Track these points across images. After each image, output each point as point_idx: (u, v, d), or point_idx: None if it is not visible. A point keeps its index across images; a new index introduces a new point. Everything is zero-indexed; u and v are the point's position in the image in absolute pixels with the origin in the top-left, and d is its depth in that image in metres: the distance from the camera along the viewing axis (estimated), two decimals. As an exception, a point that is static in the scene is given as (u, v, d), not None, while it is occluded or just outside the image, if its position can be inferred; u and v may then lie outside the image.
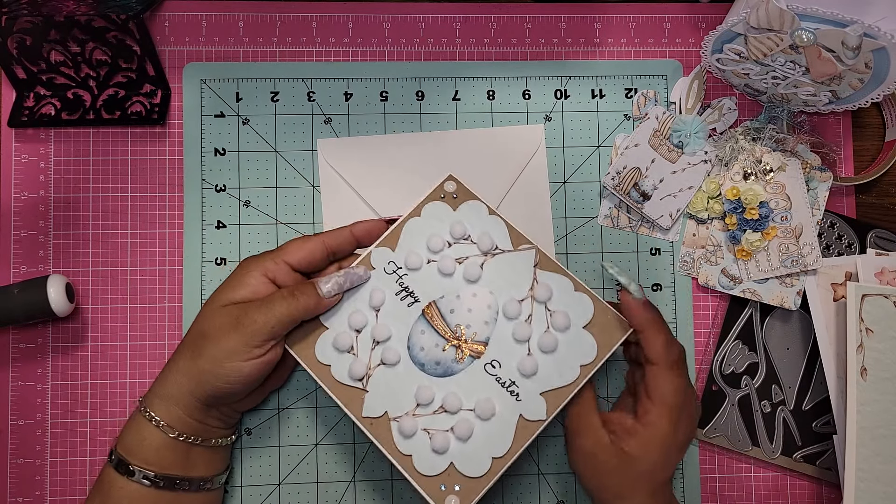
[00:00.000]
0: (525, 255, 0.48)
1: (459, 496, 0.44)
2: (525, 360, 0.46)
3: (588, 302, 0.47)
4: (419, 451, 0.45)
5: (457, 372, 0.46)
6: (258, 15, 0.56)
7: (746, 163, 0.54)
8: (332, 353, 0.47)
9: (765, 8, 0.46)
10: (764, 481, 0.55)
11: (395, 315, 0.47)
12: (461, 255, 0.48)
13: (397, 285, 0.48)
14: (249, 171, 0.55)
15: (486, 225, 0.49)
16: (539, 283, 0.48)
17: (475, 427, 0.45)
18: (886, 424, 0.50)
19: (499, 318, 0.47)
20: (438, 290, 0.48)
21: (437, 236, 0.48)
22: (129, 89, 0.54)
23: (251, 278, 0.46)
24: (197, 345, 0.45)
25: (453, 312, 0.47)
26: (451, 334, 0.47)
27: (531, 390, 0.46)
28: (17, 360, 0.53)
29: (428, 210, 0.49)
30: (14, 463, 0.52)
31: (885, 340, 0.51)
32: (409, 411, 0.46)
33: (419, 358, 0.47)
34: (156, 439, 0.45)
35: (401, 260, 0.48)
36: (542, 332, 0.47)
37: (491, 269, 0.48)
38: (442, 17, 0.57)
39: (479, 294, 0.48)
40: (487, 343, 0.47)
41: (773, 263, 0.54)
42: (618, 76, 0.57)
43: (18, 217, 0.54)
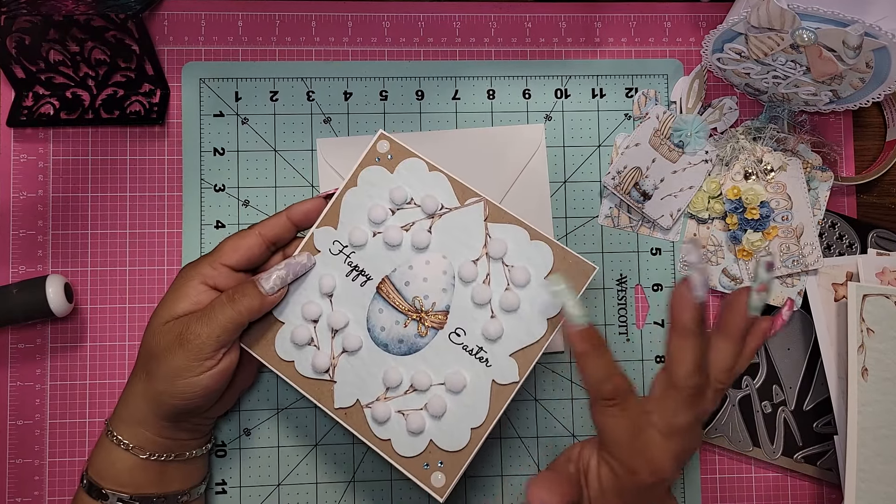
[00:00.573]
0: (473, 211, 0.46)
1: (444, 471, 0.44)
2: (489, 323, 0.44)
3: (546, 250, 0.45)
4: (396, 435, 0.44)
5: (422, 347, 0.45)
6: (257, 14, 0.56)
7: (747, 162, 0.54)
8: (292, 348, 0.45)
9: (765, 7, 0.46)
10: (765, 482, 0.55)
11: (349, 298, 0.46)
12: (406, 221, 0.46)
13: (346, 265, 0.46)
14: (249, 171, 0.55)
15: (428, 184, 0.46)
16: (492, 239, 0.45)
17: (448, 401, 0.44)
18: (887, 425, 0.50)
19: (456, 283, 0.45)
20: (389, 264, 0.46)
21: (377, 206, 0.46)
22: (127, 89, 0.54)
23: (190, 289, 0.44)
24: (148, 366, 0.44)
25: (408, 285, 0.45)
26: (409, 308, 0.45)
27: (499, 354, 0.45)
28: (16, 361, 0.53)
29: (364, 177, 0.46)
30: (13, 463, 0.52)
31: (886, 341, 0.51)
32: (380, 396, 0.45)
33: (381, 339, 0.45)
34: (127, 461, 0.44)
35: (345, 237, 0.46)
36: (503, 291, 0.45)
37: (440, 232, 0.46)
38: (442, 17, 0.56)
39: (431, 261, 0.46)
40: (448, 311, 0.45)
41: (773, 263, 0.54)
42: (618, 75, 0.57)
43: (17, 217, 0.54)
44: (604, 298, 0.55)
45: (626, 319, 0.55)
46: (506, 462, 0.54)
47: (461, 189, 0.46)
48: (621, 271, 0.56)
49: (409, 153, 0.47)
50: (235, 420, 0.53)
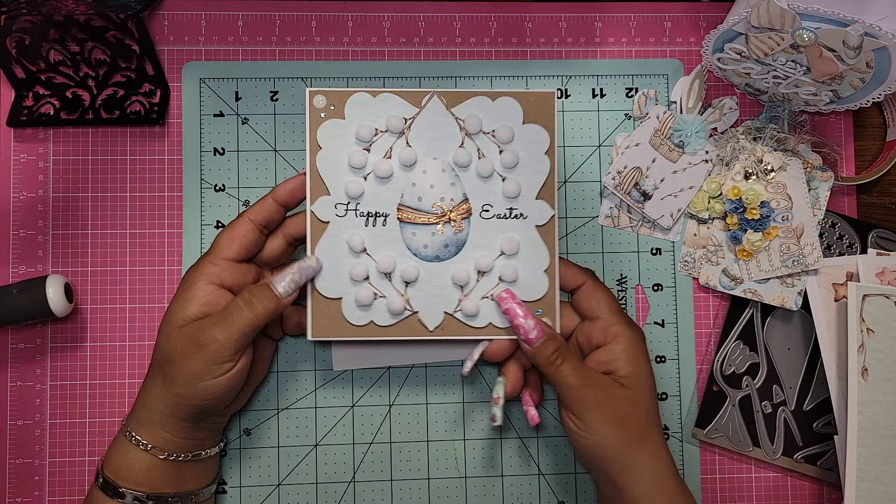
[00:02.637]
0: (433, 107, 0.48)
1: (546, 316, 0.49)
2: (504, 186, 0.48)
3: (511, 102, 0.48)
4: (492, 316, 0.48)
5: (466, 239, 0.48)
6: (257, 14, 0.56)
7: (747, 162, 0.54)
8: (362, 312, 0.48)
9: (766, 7, 0.46)
10: (765, 482, 0.55)
11: (382, 241, 0.48)
12: (384, 150, 0.48)
13: (360, 217, 0.48)
14: (249, 171, 0.55)
15: (381, 108, 0.48)
16: (463, 119, 0.48)
17: (514, 263, 0.48)
18: (888, 425, 0.50)
19: (458, 172, 0.48)
20: (394, 193, 0.48)
21: (352, 153, 0.48)
22: (128, 89, 0.54)
23: (198, 290, 0.45)
24: (165, 371, 0.44)
25: (422, 199, 0.48)
26: (435, 217, 0.48)
27: (527, 203, 0.49)
28: (16, 361, 0.53)
29: (322, 135, 0.48)
30: (13, 463, 0.52)
31: (886, 341, 0.51)
32: (460, 297, 0.48)
33: (430, 254, 0.48)
34: (145, 461, 0.45)
35: (342, 196, 0.48)
36: (499, 154, 0.48)
37: (417, 141, 0.48)
38: (442, 17, 0.56)
39: (427, 169, 0.48)
40: (467, 199, 0.48)
41: (774, 263, 0.54)
42: (618, 75, 0.57)
43: (17, 217, 0.54)
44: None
45: (627, 319, 0.55)
46: (506, 462, 0.54)
47: (412, 96, 0.48)
48: (621, 271, 0.56)
49: (348, 92, 0.48)
50: (235, 420, 0.53)
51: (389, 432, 0.54)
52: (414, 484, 0.54)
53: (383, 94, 0.48)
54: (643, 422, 0.46)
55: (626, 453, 0.45)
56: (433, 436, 0.54)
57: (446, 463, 0.54)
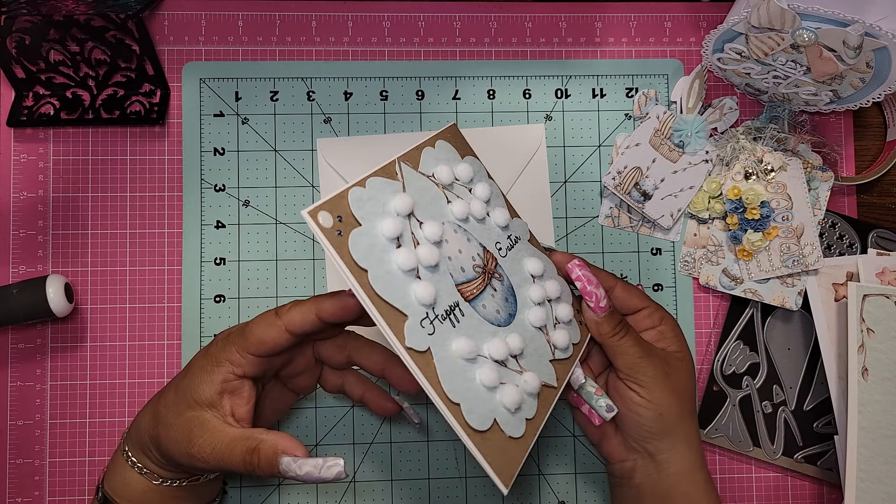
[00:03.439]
0: (408, 174, 0.43)
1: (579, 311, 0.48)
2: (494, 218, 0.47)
3: (442, 143, 0.46)
4: (567, 336, 0.46)
5: (509, 281, 0.46)
6: (258, 14, 0.56)
7: (747, 162, 0.54)
8: (517, 417, 0.41)
9: (766, 7, 0.46)
10: (765, 482, 0.55)
11: (473, 331, 0.42)
12: (411, 239, 0.41)
13: (447, 323, 0.41)
14: (249, 171, 0.55)
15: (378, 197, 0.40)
16: (434, 175, 0.44)
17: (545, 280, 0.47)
18: (888, 425, 0.50)
19: (463, 226, 0.44)
20: (447, 277, 0.42)
21: (399, 258, 0.40)
22: (128, 89, 0.54)
23: (218, 375, 0.41)
24: (162, 426, 0.42)
25: (464, 270, 0.43)
26: (482, 277, 0.44)
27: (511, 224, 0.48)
28: (16, 361, 0.53)
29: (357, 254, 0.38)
30: (13, 463, 0.52)
31: (886, 341, 0.51)
32: (546, 338, 0.46)
33: (505, 318, 0.44)
34: (140, 484, 0.44)
35: (417, 309, 0.39)
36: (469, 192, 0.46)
37: (422, 213, 0.42)
38: (442, 17, 0.56)
39: (447, 237, 0.43)
40: (484, 246, 0.45)
41: (774, 263, 0.54)
42: (618, 75, 0.57)
43: (17, 217, 0.54)
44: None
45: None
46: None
47: (385, 171, 0.42)
48: (622, 271, 0.56)
49: (342, 198, 0.39)
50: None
51: (389, 432, 0.54)
52: (414, 484, 0.54)
53: (369, 180, 0.40)
54: (693, 397, 0.48)
55: (680, 426, 0.46)
56: (433, 436, 0.54)
57: (446, 463, 0.54)
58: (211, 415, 0.41)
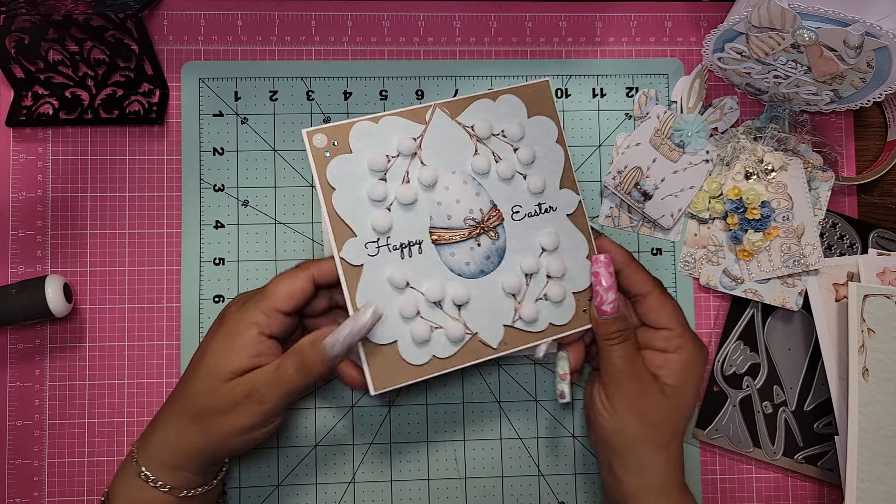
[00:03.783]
0: (439, 120, 0.46)
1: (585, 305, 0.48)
2: (529, 182, 0.47)
3: (512, 98, 0.48)
4: (551, 316, 0.47)
5: (505, 246, 0.47)
6: (257, 14, 0.56)
7: (748, 162, 0.54)
8: (421, 349, 0.45)
9: (766, 6, 0.46)
10: (765, 482, 0.55)
11: (423, 269, 0.46)
12: (401, 175, 0.46)
13: (394, 251, 0.45)
14: (248, 171, 0.55)
15: (387, 134, 0.45)
16: (472, 126, 0.47)
17: (556, 256, 0.48)
18: (888, 425, 0.50)
19: (479, 180, 0.47)
20: (422, 217, 0.46)
21: (370, 186, 0.45)
22: (127, 88, 0.54)
23: (248, 340, 0.43)
24: (206, 422, 0.43)
25: (451, 217, 0.46)
26: (469, 231, 0.47)
27: (552, 195, 0.48)
28: (15, 361, 0.53)
29: (333, 175, 0.44)
30: (12, 463, 0.52)
31: (886, 341, 0.51)
32: (515, 306, 0.47)
33: (474, 270, 0.47)
34: (159, 500, 0.44)
35: (370, 234, 0.45)
36: (513, 152, 0.48)
37: (432, 158, 0.46)
38: (442, 16, 0.56)
39: (448, 185, 0.46)
40: (495, 205, 0.47)
41: (774, 263, 0.54)
42: (619, 75, 0.57)
43: (16, 217, 0.53)
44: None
45: (627, 320, 0.55)
46: (506, 462, 0.54)
47: (414, 114, 0.46)
48: (622, 271, 0.55)
49: (348, 125, 0.45)
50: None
51: (389, 432, 0.54)
52: (414, 484, 0.54)
53: (385, 119, 0.45)
54: (669, 430, 0.46)
55: (640, 451, 0.46)
56: (433, 436, 0.54)
57: (446, 463, 0.54)
58: (249, 374, 0.43)
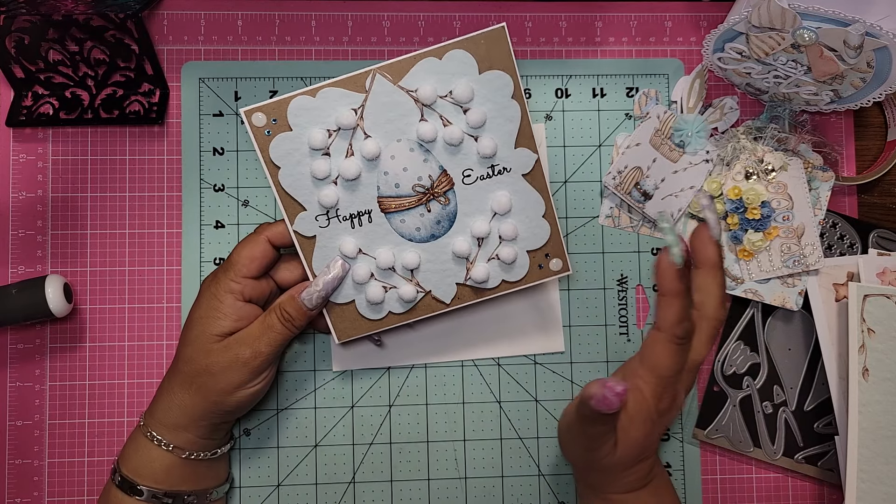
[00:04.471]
0: (379, 87, 0.45)
1: (556, 257, 0.49)
2: (479, 145, 0.46)
3: (461, 53, 0.45)
4: (504, 273, 0.49)
5: (456, 211, 0.48)
6: (257, 14, 0.56)
7: (748, 162, 0.54)
8: (375, 308, 0.49)
9: (766, 6, 0.46)
10: (765, 482, 0.55)
11: (374, 238, 0.48)
12: (344, 149, 0.46)
13: (343, 222, 0.47)
14: (248, 171, 0.55)
15: (325, 108, 0.45)
16: (415, 90, 0.45)
17: (510, 220, 0.48)
18: (888, 425, 0.50)
19: (427, 146, 0.47)
20: (370, 188, 0.47)
21: (312, 164, 0.46)
22: (127, 88, 0.54)
23: (227, 305, 0.46)
24: (201, 382, 0.46)
25: (399, 186, 0.47)
26: (418, 198, 0.47)
27: (507, 155, 0.47)
28: (15, 361, 0.53)
29: (275, 153, 0.46)
30: (12, 463, 0.52)
31: (887, 341, 0.51)
32: (467, 266, 0.48)
33: (424, 236, 0.48)
34: (165, 460, 0.46)
35: (318, 208, 0.47)
36: (463, 115, 0.46)
37: (374, 129, 0.46)
38: (442, 16, 0.56)
39: (394, 154, 0.46)
40: (445, 170, 0.47)
41: (774, 263, 0.54)
42: (619, 75, 0.57)
43: (16, 217, 0.53)
44: (604, 298, 0.55)
45: (627, 319, 0.55)
46: (506, 462, 0.54)
47: (352, 82, 0.45)
48: (622, 271, 0.55)
49: (284, 101, 0.45)
50: (236, 420, 0.53)
51: (389, 433, 0.54)
52: (414, 485, 0.54)
53: (322, 91, 0.45)
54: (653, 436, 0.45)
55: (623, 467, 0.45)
56: (433, 436, 0.54)
57: (446, 463, 0.54)
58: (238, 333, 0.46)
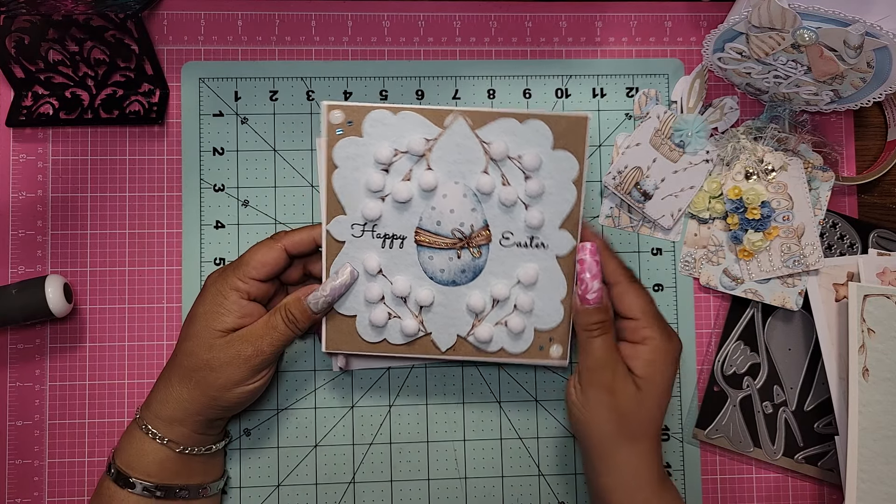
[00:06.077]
0: (457, 128, 0.46)
1: (557, 343, 0.48)
2: (527, 215, 0.47)
3: (541, 125, 0.46)
4: (505, 342, 0.48)
5: (484, 266, 0.47)
6: (257, 14, 0.55)
7: (748, 162, 0.54)
8: (376, 331, 0.48)
9: (766, 6, 0.46)
10: (765, 482, 0.55)
11: (399, 264, 0.47)
12: (404, 172, 0.47)
13: (377, 239, 0.47)
14: (248, 171, 0.55)
15: (402, 127, 0.46)
16: (488, 143, 0.46)
17: (530, 292, 0.48)
18: (888, 425, 0.50)
19: (480, 198, 0.47)
20: (413, 216, 0.47)
21: (370, 175, 0.46)
22: (127, 88, 0.54)
23: (231, 303, 0.46)
24: (200, 376, 0.46)
25: (440, 224, 0.47)
26: (453, 241, 0.47)
27: (550, 233, 0.47)
28: (15, 361, 0.53)
29: (339, 154, 0.46)
30: (12, 464, 0.52)
31: (886, 341, 0.51)
32: (474, 322, 0.48)
33: (446, 279, 0.48)
34: (159, 454, 0.47)
35: (359, 217, 0.47)
36: (524, 181, 0.47)
37: (439, 164, 0.47)
38: (442, 16, 0.56)
39: (448, 193, 0.47)
40: (487, 225, 0.47)
41: (774, 263, 0.54)
42: (619, 75, 0.57)
43: (16, 217, 0.53)
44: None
45: (627, 320, 0.55)
46: (506, 462, 0.54)
47: (434, 115, 0.46)
48: (622, 271, 0.55)
49: (367, 108, 0.46)
50: (235, 420, 0.53)
51: (389, 433, 0.54)
52: (414, 485, 0.54)
53: (404, 112, 0.46)
54: (643, 425, 0.46)
55: (612, 444, 0.46)
56: (433, 436, 0.54)
57: (446, 463, 0.54)
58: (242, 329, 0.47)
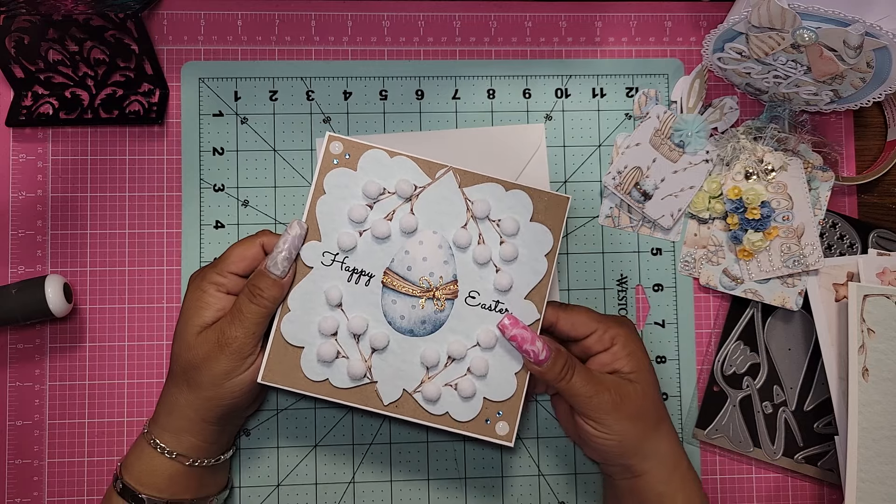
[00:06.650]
0: (446, 182, 0.47)
1: (505, 419, 0.47)
2: (497, 277, 0.47)
3: (523, 196, 0.48)
4: (452, 406, 0.47)
5: (445, 320, 0.47)
6: (257, 14, 0.55)
7: (748, 162, 0.54)
8: (320, 367, 0.46)
9: (766, 6, 0.46)
10: (765, 482, 0.55)
11: (360, 301, 0.47)
12: (387, 211, 0.47)
13: (344, 271, 0.47)
14: (248, 171, 0.55)
15: (395, 170, 0.47)
16: (472, 201, 0.47)
17: (487, 358, 0.47)
18: (888, 425, 0.50)
19: (454, 251, 0.47)
20: (385, 256, 0.47)
21: (354, 206, 0.47)
22: (127, 88, 0.54)
23: (209, 297, 0.46)
24: (190, 377, 0.46)
25: (411, 269, 0.47)
26: (420, 290, 0.47)
27: (515, 300, 0.47)
28: (15, 361, 0.53)
29: (330, 182, 0.47)
30: (12, 464, 0.52)
31: (886, 341, 0.51)
32: (424, 378, 0.47)
33: (405, 327, 0.47)
34: (168, 469, 0.46)
35: (333, 246, 0.47)
36: (499, 244, 0.47)
37: (422, 211, 0.47)
38: (442, 16, 0.56)
39: (424, 240, 0.47)
40: (456, 280, 0.47)
41: (774, 263, 0.54)
42: (619, 75, 0.57)
43: (16, 217, 0.53)
44: (604, 299, 0.55)
45: (627, 320, 0.55)
46: (506, 462, 0.54)
47: (427, 166, 0.48)
48: (622, 271, 0.55)
49: (365, 146, 0.47)
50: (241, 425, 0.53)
51: (389, 433, 0.54)
52: (414, 485, 0.54)
53: (400, 157, 0.47)
54: (655, 409, 0.48)
55: (645, 442, 0.47)
56: (433, 436, 0.54)
57: (446, 463, 0.54)
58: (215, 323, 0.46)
